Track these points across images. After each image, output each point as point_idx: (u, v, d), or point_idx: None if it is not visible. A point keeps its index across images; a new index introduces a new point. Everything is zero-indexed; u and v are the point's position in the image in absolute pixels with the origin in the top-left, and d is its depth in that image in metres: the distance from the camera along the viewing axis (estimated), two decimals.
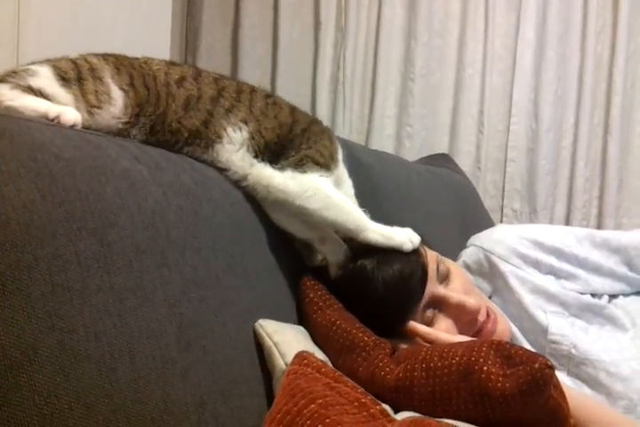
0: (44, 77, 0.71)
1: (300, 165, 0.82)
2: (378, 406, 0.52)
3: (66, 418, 0.48)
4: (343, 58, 2.18)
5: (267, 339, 0.71)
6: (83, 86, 0.71)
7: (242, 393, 0.67)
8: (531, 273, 1.02)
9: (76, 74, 0.71)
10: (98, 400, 0.50)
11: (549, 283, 1.02)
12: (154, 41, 1.93)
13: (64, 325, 0.49)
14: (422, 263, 0.84)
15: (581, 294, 1.04)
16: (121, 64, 0.75)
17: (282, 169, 0.82)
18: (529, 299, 1.00)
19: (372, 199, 1.04)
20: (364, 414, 0.50)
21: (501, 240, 1.06)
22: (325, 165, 0.84)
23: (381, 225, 0.84)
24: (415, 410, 0.66)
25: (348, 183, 0.90)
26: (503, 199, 2.17)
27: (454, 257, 1.10)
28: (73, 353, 0.49)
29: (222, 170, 0.82)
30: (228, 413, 0.64)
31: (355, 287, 0.84)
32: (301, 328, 0.80)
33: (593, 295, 1.06)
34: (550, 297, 1.00)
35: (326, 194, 0.82)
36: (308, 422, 0.46)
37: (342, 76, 2.18)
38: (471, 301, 0.86)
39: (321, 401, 0.49)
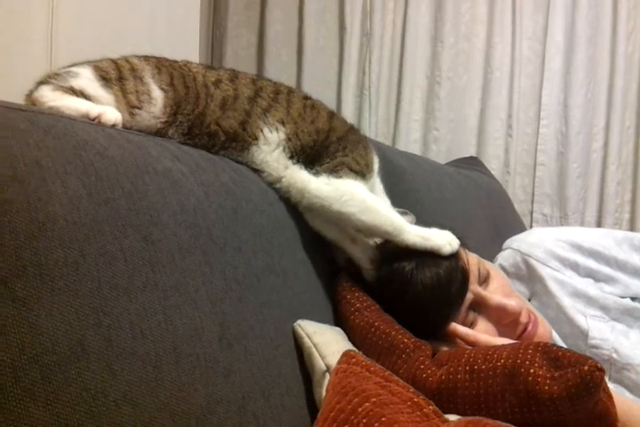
0: (85, 78, 0.72)
1: (335, 171, 0.82)
2: (431, 406, 0.51)
3: (113, 416, 0.47)
4: (369, 62, 2.18)
5: (306, 339, 0.70)
6: (124, 86, 0.71)
7: (282, 393, 0.66)
8: (570, 276, 1.00)
9: (117, 74, 0.72)
10: (144, 398, 0.50)
11: (589, 286, 1.00)
12: (182, 49, 1.95)
13: (111, 322, 0.49)
14: (462, 267, 0.82)
15: (621, 297, 1.01)
16: (161, 64, 0.76)
17: (316, 174, 0.81)
18: (568, 303, 0.97)
19: (405, 201, 1.03)
20: (418, 413, 0.49)
21: (539, 243, 1.04)
22: (361, 172, 0.84)
23: (419, 227, 0.83)
24: (458, 413, 0.65)
25: (384, 199, 0.89)
26: (533, 204, 2.14)
27: (487, 260, 1.08)
28: (120, 350, 0.49)
29: (257, 171, 0.82)
30: (269, 413, 0.63)
31: (393, 290, 0.83)
32: (339, 329, 0.79)
33: (633, 299, 1.03)
34: (590, 301, 0.98)
35: (362, 198, 0.81)
36: (364, 420, 0.45)
37: (368, 81, 2.18)
38: (512, 303, 0.85)
39: (375, 400, 0.48)
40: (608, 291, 1.01)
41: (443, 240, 0.82)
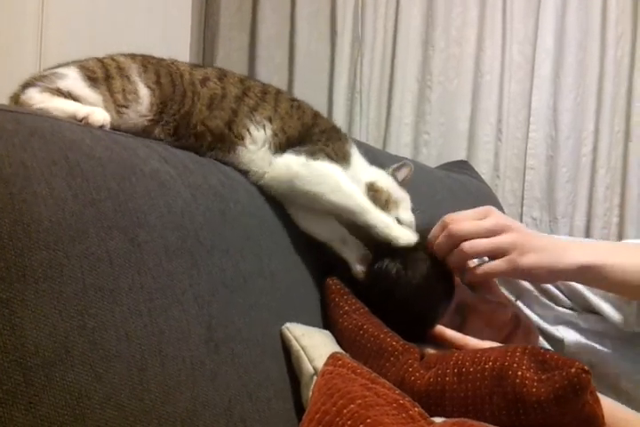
0: (72, 79, 0.72)
1: (313, 154, 0.83)
2: (416, 408, 0.51)
3: (97, 418, 0.47)
4: (360, 66, 2.18)
5: (294, 342, 0.70)
6: (111, 85, 0.71)
7: (269, 396, 0.66)
8: (538, 294, 0.99)
9: (103, 73, 0.72)
10: (129, 401, 0.49)
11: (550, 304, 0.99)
12: (173, 51, 1.94)
13: (95, 324, 0.49)
14: (448, 270, 0.83)
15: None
16: (148, 62, 0.76)
17: (297, 153, 0.83)
18: (537, 317, 0.98)
19: None
20: (404, 415, 0.48)
21: None
22: (337, 162, 0.85)
23: (386, 216, 0.83)
24: (446, 416, 0.65)
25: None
26: (522, 207, 2.14)
27: None
28: (104, 353, 0.49)
29: (243, 172, 0.82)
30: (256, 416, 0.63)
31: (380, 292, 0.83)
32: (328, 332, 0.78)
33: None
34: (557, 318, 0.98)
35: (335, 180, 0.82)
36: (349, 422, 0.45)
37: (359, 84, 2.18)
38: (502, 305, 0.85)
39: (360, 401, 0.47)
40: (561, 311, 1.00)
41: (400, 232, 0.82)
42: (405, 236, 0.82)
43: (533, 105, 2.12)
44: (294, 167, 0.82)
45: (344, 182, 0.83)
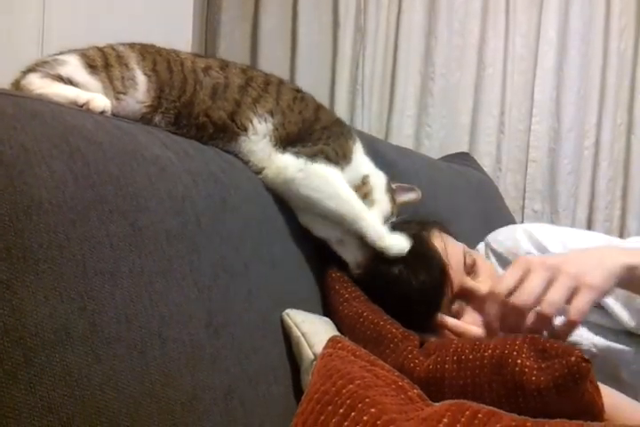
0: (73, 66, 0.72)
1: (312, 157, 0.82)
2: (415, 390, 0.51)
3: (97, 400, 0.47)
4: (362, 58, 2.18)
5: (294, 329, 0.70)
6: (110, 73, 0.71)
7: (269, 381, 0.66)
8: None
9: (103, 61, 0.72)
10: (128, 383, 0.49)
11: None
12: (175, 44, 1.93)
13: (96, 306, 0.49)
14: (443, 268, 0.83)
15: None
16: (146, 51, 0.76)
17: (297, 154, 0.82)
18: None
19: None
20: (402, 396, 0.49)
21: (509, 241, 1.04)
22: (336, 162, 0.85)
23: (380, 225, 0.83)
24: None
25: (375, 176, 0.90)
26: (524, 200, 2.15)
27: None
28: (104, 335, 0.49)
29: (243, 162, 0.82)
30: (255, 401, 0.63)
31: (380, 291, 0.82)
32: (328, 319, 0.79)
33: None
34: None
35: (332, 185, 0.82)
36: (348, 401, 0.45)
37: (361, 76, 2.17)
38: None
39: (359, 382, 0.48)
40: None
41: (392, 241, 0.82)
42: (397, 246, 0.82)
43: (536, 97, 2.11)
44: (291, 172, 0.81)
45: (341, 188, 0.82)
